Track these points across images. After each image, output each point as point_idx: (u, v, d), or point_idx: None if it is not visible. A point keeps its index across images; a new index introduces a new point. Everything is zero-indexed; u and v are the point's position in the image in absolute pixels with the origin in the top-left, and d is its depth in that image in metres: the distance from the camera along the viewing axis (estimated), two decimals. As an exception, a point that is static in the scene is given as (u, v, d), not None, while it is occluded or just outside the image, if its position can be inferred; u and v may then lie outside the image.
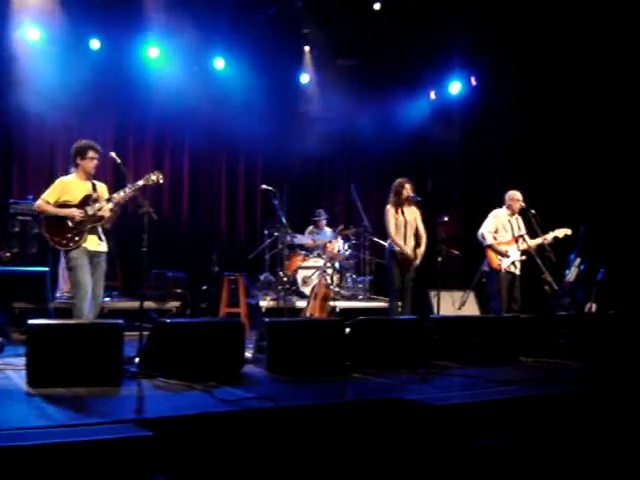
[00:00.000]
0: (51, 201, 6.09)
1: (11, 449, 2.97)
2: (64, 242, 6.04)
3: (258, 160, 11.89)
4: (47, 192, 6.16)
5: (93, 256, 6.13)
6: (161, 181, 6.34)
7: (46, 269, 8.27)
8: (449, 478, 3.91)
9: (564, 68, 9.95)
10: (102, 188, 6.34)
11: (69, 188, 6.17)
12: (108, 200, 6.13)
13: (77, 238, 6.04)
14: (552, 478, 3.92)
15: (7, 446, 2.98)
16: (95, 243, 6.15)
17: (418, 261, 7.95)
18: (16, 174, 10.03)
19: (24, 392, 4.57)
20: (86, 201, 6.14)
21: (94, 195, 6.19)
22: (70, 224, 6.05)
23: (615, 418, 4.68)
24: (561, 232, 8.09)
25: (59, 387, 4.60)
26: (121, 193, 6.13)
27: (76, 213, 6.05)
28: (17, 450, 2.98)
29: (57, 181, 6.28)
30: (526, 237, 8.12)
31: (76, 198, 6.14)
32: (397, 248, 7.85)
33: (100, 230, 6.20)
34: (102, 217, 6.15)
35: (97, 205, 6.13)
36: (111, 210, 6.15)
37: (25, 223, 8.61)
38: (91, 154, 6.19)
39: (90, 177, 6.27)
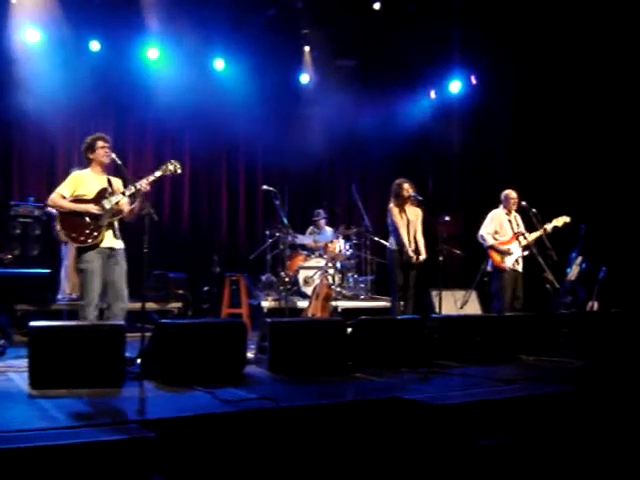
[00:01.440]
0: (66, 195, 5.87)
1: (13, 451, 2.97)
2: (82, 238, 5.79)
3: (258, 160, 11.90)
4: (61, 186, 5.94)
5: (109, 255, 5.90)
6: (179, 171, 6.12)
7: (47, 271, 8.28)
8: (451, 478, 3.90)
9: (564, 67, 9.95)
10: (117, 183, 6.13)
11: (84, 182, 5.95)
12: (123, 194, 5.92)
13: (96, 234, 5.81)
14: (554, 477, 3.92)
15: (9, 448, 2.98)
16: (112, 240, 5.94)
17: (423, 257, 7.91)
18: (16, 176, 10.03)
19: (26, 394, 4.57)
20: (102, 195, 5.92)
21: (109, 189, 5.98)
22: (87, 219, 5.83)
23: (617, 417, 4.68)
24: (560, 221, 8.09)
25: (61, 389, 4.60)
26: (143, 182, 5.89)
27: (94, 209, 5.83)
28: (19, 452, 2.98)
29: (72, 174, 6.09)
30: (526, 234, 8.13)
31: (92, 192, 5.91)
32: (404, 248, 7.84)
33: (117, 226, 5.99)
34: (120, 211, 5.95)
35: (114, 198, 5.91)
36: (136, 201, 5.91)
37: (26, 225, 8.61)
38: (100, 144, 6.00)
39: (105, 170, 6.06)
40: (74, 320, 6.07)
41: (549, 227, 8.03)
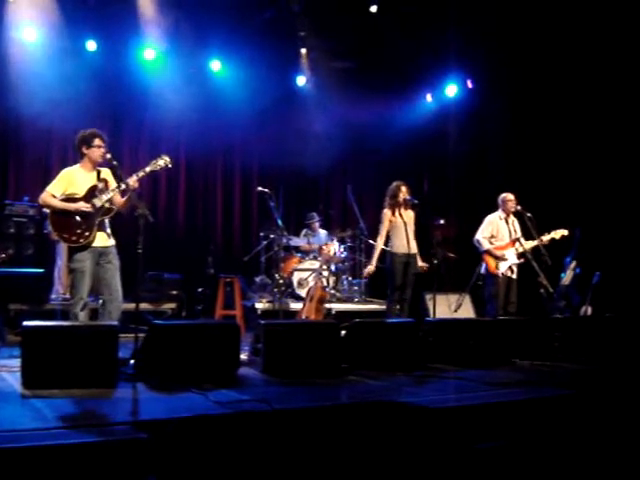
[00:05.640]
0: (56, 194, 5.79)
1: (5, 451, 2.96)
2: (74, 238, 5.74)
3: (254, 162, 11.89)
4: (51, 184, 5.85)
5: (102, 254, 5.84)
6: (170, 165, 6.03)
7: (41, 270, 8.26)
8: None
9: (560, 71, 9.98)
10: (106, 174, 6.01)
11: (75, 179, 5.86)
12: (118, 187, 5.84)
13: (87, 233, 5.74)
14: (548, 481, 3.93)
15: (1, 448, 2.97)
16: (104, 239, 5.88)
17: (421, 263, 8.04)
18: (12, 175, 10.01)
19: (19, 394, 4.56)
20: (92, 193, 5.83)
21: (100, 185, 5.88)
22: (78, 219, 5.75)
23: (611, 420, 4.68)
24: (557, 233, 8.12)
25: (54, 389, 4.59)
26: (134, 177, 5.82)
27: (84, 207, 5.75)
28: (11, 452, 2.97)
29: (62, 173, 5.94)
30: (522, 240, 8.15)
31: (82, 190, 5.83)
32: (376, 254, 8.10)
33: (107, 224, 5.93)
34: (111, 209, 5.88)
35: (104, 196, 5.83)
36: (124, 196, 5.86)
37: (21, 224, 8.59)
38: (97, 142, 5.89)
39: (96, 167, 5.96)
40: (67, 320, 6.05)
41: (546, 239, 8.05)
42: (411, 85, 12.06)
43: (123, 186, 5.83)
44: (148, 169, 5.98)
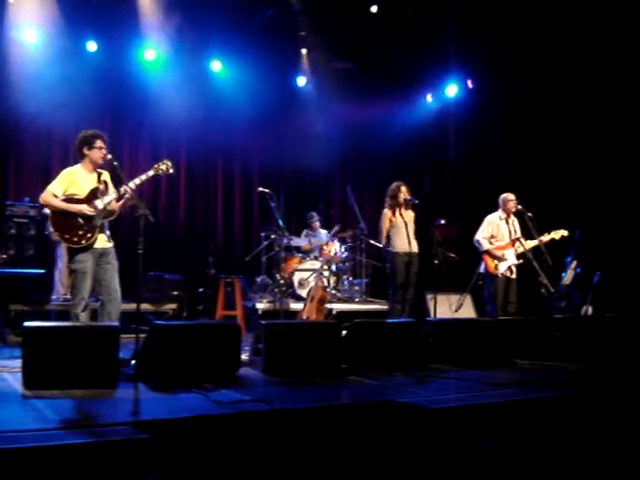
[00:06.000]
0: (58, 194, 5.77)
1: (6, 451, 2.96)
2: (75, 239, 5.73)
3: (254, 163, 11.90)
4: (53, 184, 5.83)
5: (102, 255, 5.84)
6: (171, 171, 6.09)
7: (42, 271, 8.26)
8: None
9: (561, 71, 9.98)
10: (106, 176, 6.02)
11: (76, 180, 5.85)
12: (118, 192, 5.84)
13: (89, 235, 5.74)
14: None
15: (2, 448, 2.97)
16: (104, 241, 5.88)
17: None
18: (12, 176, 10.01)
19: (20, 394, 4.55)
20: (94, 195, 5.84)
21: (101, 187, 5.88)
22: (80, 220, 5.75)
23: (610, 421, 4.68)
24: (557, 233, 8.13)
25: (55, 389, 4.58)
26: (136, 181, 5.86)
27: (87, 210, 5.76)
28: (12, 452, 2.97)
29: (63, 172, 5.92)
30: (522, 240, 8.15)
31: (83, 191, 5.83)
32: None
33: (107, 226, 5.94)
34: (113, 212, 5.88)
35: (106, 198, 5.83)
36: (128, 196, 5.84)
37: (21, 225, 8.58)
38: (99, 143, 5.89)
39: (96, 168, 5.96)
40: (65, 320, 6.05)
41: (546, 239, 8.06)
42: (411, 85, 12.07)
43: (125, 188, 5.84)
44: (150, 173, 6.01)
